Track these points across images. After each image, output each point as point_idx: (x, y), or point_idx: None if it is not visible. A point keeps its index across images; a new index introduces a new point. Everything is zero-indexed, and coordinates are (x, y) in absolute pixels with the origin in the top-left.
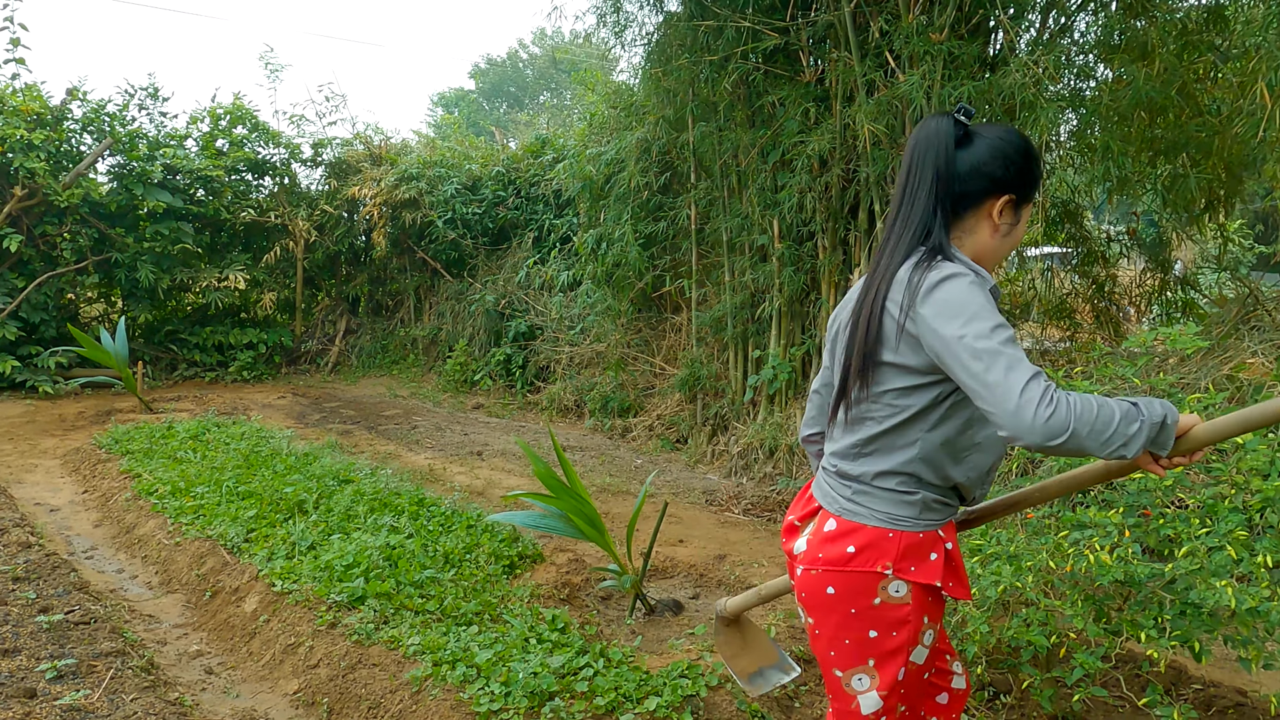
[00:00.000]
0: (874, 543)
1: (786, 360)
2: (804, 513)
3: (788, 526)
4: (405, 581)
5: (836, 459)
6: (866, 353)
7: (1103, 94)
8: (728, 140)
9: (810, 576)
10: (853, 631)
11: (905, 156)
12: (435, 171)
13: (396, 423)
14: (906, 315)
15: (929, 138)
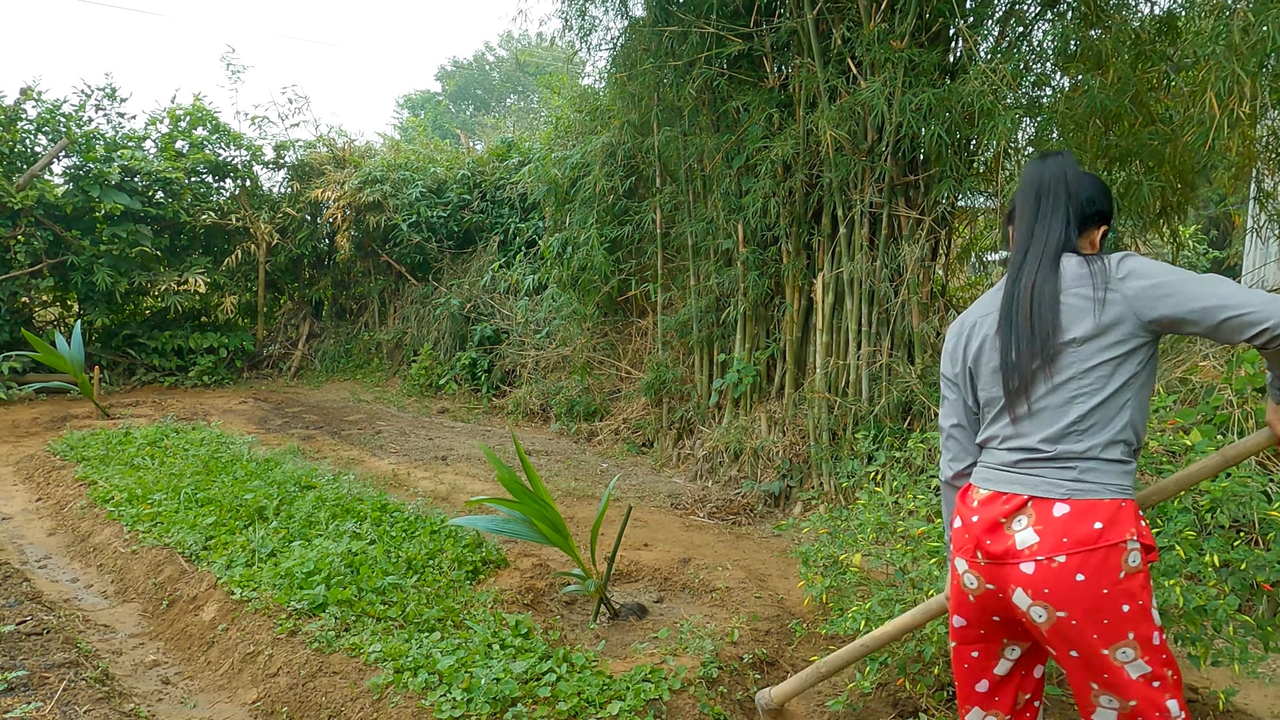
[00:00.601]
0: (1115, 515)
1: (751, 364)
2: (1005, 510)
3: (985, 530)
4: (367, 588)
5: (1048, 444)
6: (1045, 343)
7: (1059, 102)
8: (692, 145)
9: (1053, 569)
10: (1108, 611)
11: (1032, 185)
12: (400, 174)
13: (360, 428)
14: (1106, 292)
15: (1057, 171)
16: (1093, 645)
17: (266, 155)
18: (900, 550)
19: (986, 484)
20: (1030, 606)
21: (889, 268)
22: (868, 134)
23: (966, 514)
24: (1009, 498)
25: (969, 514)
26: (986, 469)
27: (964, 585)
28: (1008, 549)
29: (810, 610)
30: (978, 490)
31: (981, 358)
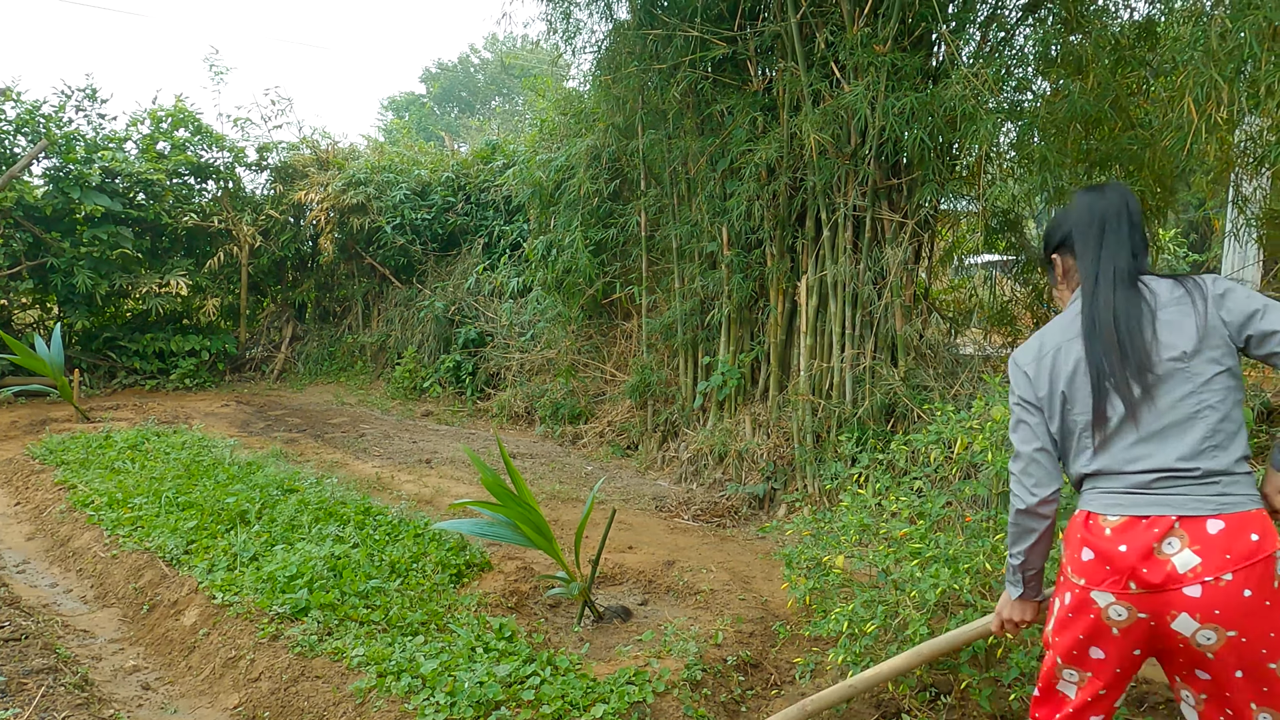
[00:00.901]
0: (1264, 525)
1: (736, 366)
2: (1154, 535)
3: (1139, 558)
4: (350, 592)
5: (1185, 462)
6: (1148, 363)
7: (1040, 106)
8: (677, 148)
9: (1221, 589)
10: (1273, 623)
11: (1094, 215)
12: (384, 176)
13: (343, 430)
14: (1206, 307)
15: (1119, 201)
16: (1260, 661)
17: (249, 157)
18: (883, 552)
19: (1118, 509)
20: (1197, 631)
21: (872, 271)
22: (851, 137)
23: (1102, 545)
24: (1153, 520)
25: (1105, 544)
26: (1113, 494)
27: (1107, 619)
28: (1168, 575)
29: (794, 612)
30: (1105, 518)
31: (1075, 381)
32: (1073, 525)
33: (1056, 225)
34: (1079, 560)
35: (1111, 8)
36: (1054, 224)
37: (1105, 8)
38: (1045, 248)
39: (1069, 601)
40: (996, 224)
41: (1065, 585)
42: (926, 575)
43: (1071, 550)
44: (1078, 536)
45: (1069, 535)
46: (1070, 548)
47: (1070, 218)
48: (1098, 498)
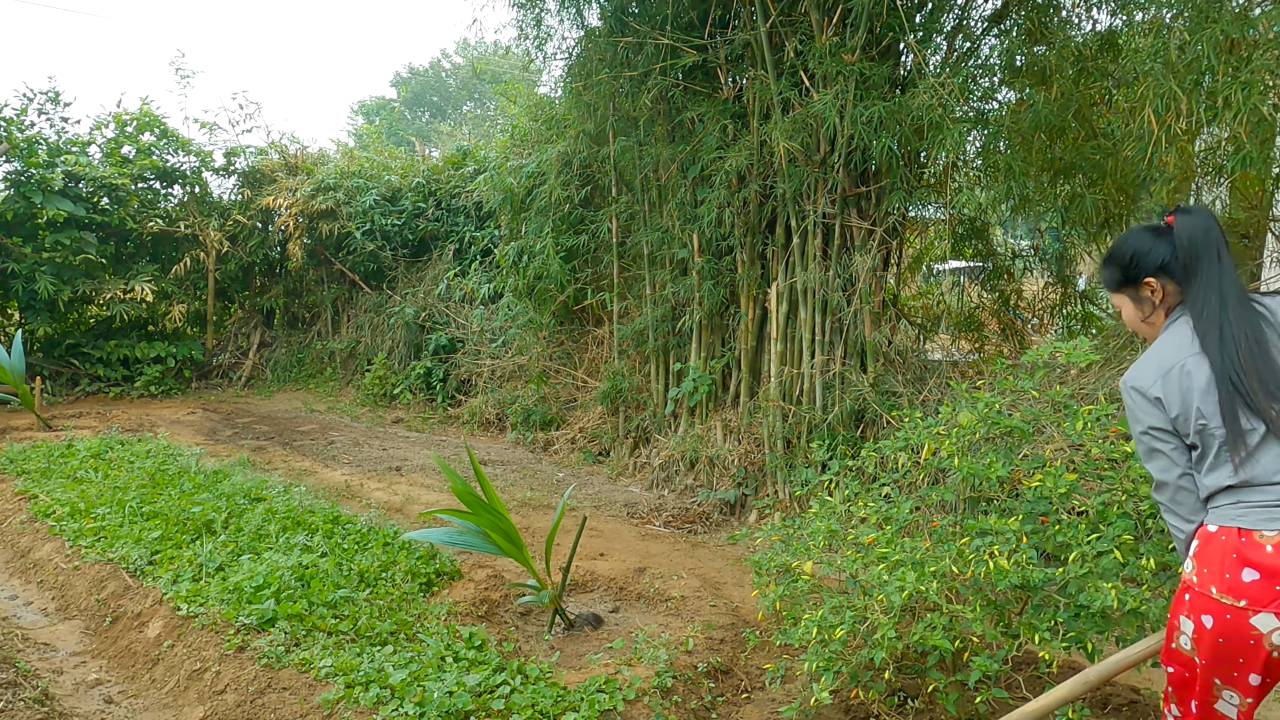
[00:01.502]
0: None
1: (707, 373)
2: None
3: None
4: (318, 602)
5: None
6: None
7: (1006, 116)
8: (648, 155)
9: None
10: None
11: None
12: (353, 182)
13: (312, 438)
14: None
15: (1217, 225)
16: None
17: (216, 161)
18: (851, 557)
19: (1272, 524)
20: None
21: (841, 277)
22: (820, 145)
23: (1267, 562)
24: None
25: (1271, 561)
26: (1265, 508)
27: (1270, 643)
28: None
29: (764, 619)
30: (1261, 533)
31: (1209, 396)
32: (1214, 542)
33: (1147, 249)
34: (1237, 581)
35: (1075, 19)
36: (1141, 247)
37: (1069, 19)
38: (1135, 272)
39: (1215, 625)
40: (963, 231)
41: (1208, 605)
42: (893, 579)
43: (1221, 568)
44: (1232, 556)
45: (1211, 552)
46: (1218, 565)
47: (1161, 243)
48: (1248, 512)
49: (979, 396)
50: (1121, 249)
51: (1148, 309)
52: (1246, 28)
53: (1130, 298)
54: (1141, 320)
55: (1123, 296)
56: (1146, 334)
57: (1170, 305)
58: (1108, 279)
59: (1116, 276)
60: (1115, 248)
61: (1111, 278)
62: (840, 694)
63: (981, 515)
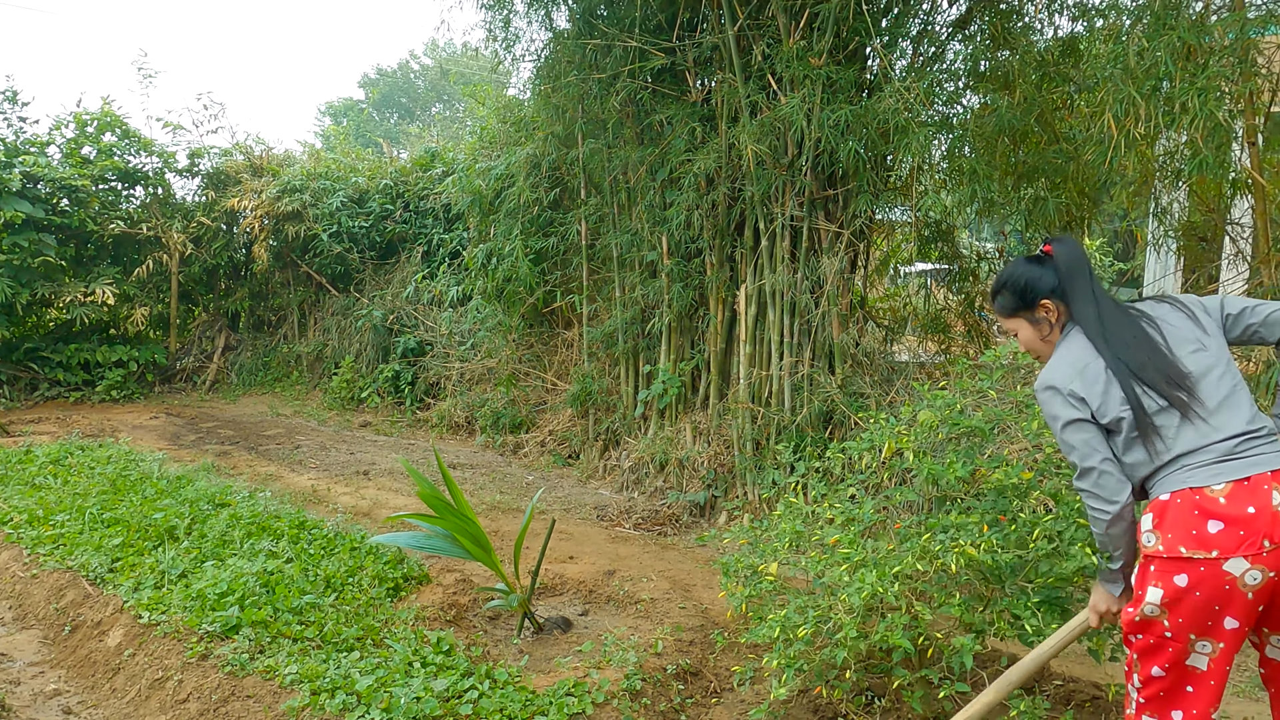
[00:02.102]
0: None
1: (676, 375)
2: (1266, 491)
3: (1273, 519)
4: (283, 608)
5: (1251, 425)
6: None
7: (970, 120)
8: (617, 157)
9: None
10: None
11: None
12: (320, 183)
13: (278, 442)
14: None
15: (1084, 253)
16: None
17: (180, 163)
18: (815, 558)
19: (1220, 477)
20: None
21: (810, 279)
22: (788, 149)
23: (1226, 512)
24: (1255, 478)
25: (1229, 511)
26: (1208, 466)
27: (1243, 585)
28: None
29: (732, 620)
30: (1210, 489)
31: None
32: (1172, 507)
33: (1038, 275)
34: (1205, 535)
35: (1038, 25)
36: (1031, 275)
37: (1031, 25)
38: (1031, 296)
39: (1190, 580)
40: (929, 234)
41: (1179, 566)
42: (855, 580)
43: (1186, 527)
44: (1194, 514)
45: (1172, 516)
46: (1183, 526)
47: (1046, 270)
48: (1195, 473)
49: (939, 396)
50: (1014, 279)
51: (1045, 328)
52: (1202, 35)
53: (1028, 320)
54: (1040, 339)
55: (1019, 320)
56: (1044, 351)
57: (1061, 323)
58: (1002, 306)
59: (1013, 303)
60: (1007, 279)
61: (1007, 305)
62: (808, 694)
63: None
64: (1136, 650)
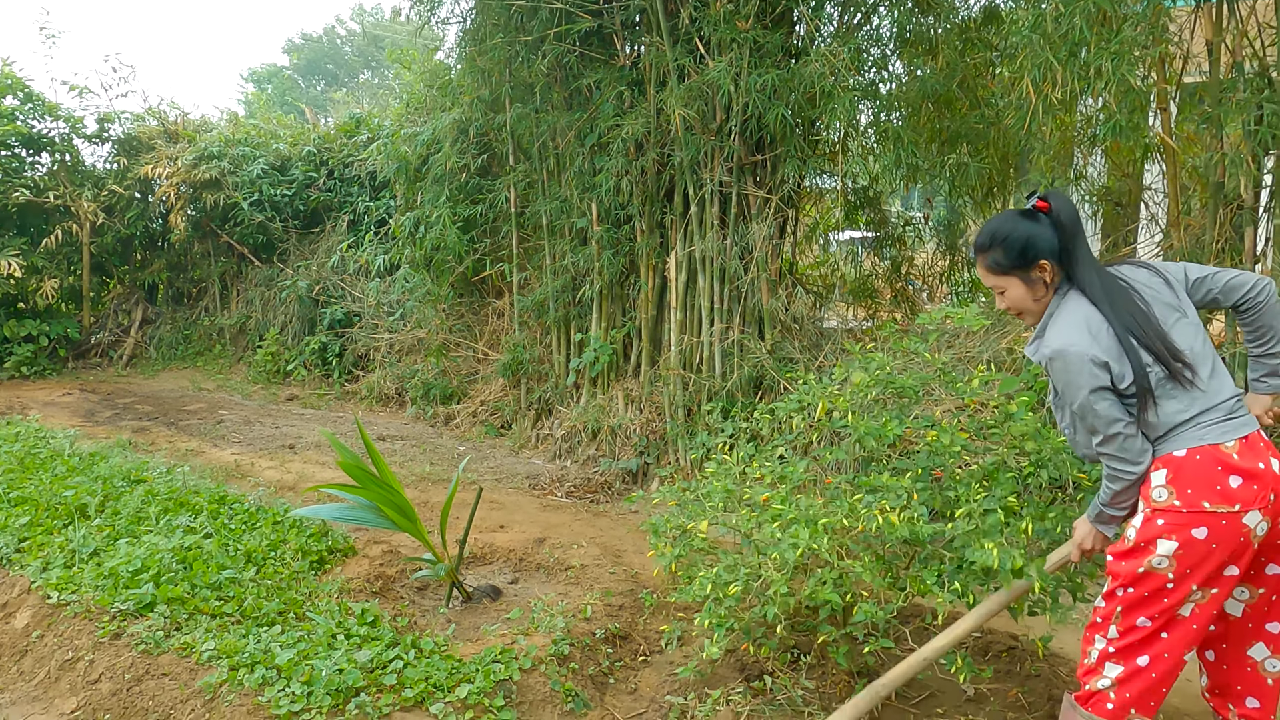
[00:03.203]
0: None
1: (608, 343)
2: (1263, 448)
3: (1274, 471)
4: (201, 584)
5: (1230, 389)
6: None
7: (895, 86)
8: (545, 122)
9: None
10: None
11: (1076, 220)
12: (239, 150)
13: (200, 417)
14: (1166, 277)
15: (1075, 206)
16: None
17: (88, 128)
18: (746, 516)
19: (1231, 435)
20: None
21: (739, 245)
22: (716, 113)
23: (1243, 467)
24: (1251, 436)
25: (1245, 466)
26: (1219, 424)
27: (1255, 536)
28: (1278, 478)
29: (661, 580)
30: (1224, 445)
31: (1139, 350)
32: (1190, 464)
33: (1038, 233)
34: (1228, 489)
35: None
36: (1032, 232)
37: None
38: (1032, 255)
39: (1210, 533)
40: (857, 200)
41: (1199, 519)
42: (786, 536)
43: (1210, 482)
44: (1216, 469)
45: (1191, 472)
46: (1205, 481)
47: (1045, 227)
48: (1209, 430)
49: (872, 357)
50: (1013, 235)
51: (1040, 289)
52: (1116, 2)
53: (1021, 279)
54: (1033, 300)
55: (1012, 279)
56: (1035, 312)
57: (1055, 284)
58: (995, 263)
59: (1008, 261)
60: (1005, 235)
61: (1001, 262)
62: (735, 653)
63: (874, 474)
64: (1124, 603)
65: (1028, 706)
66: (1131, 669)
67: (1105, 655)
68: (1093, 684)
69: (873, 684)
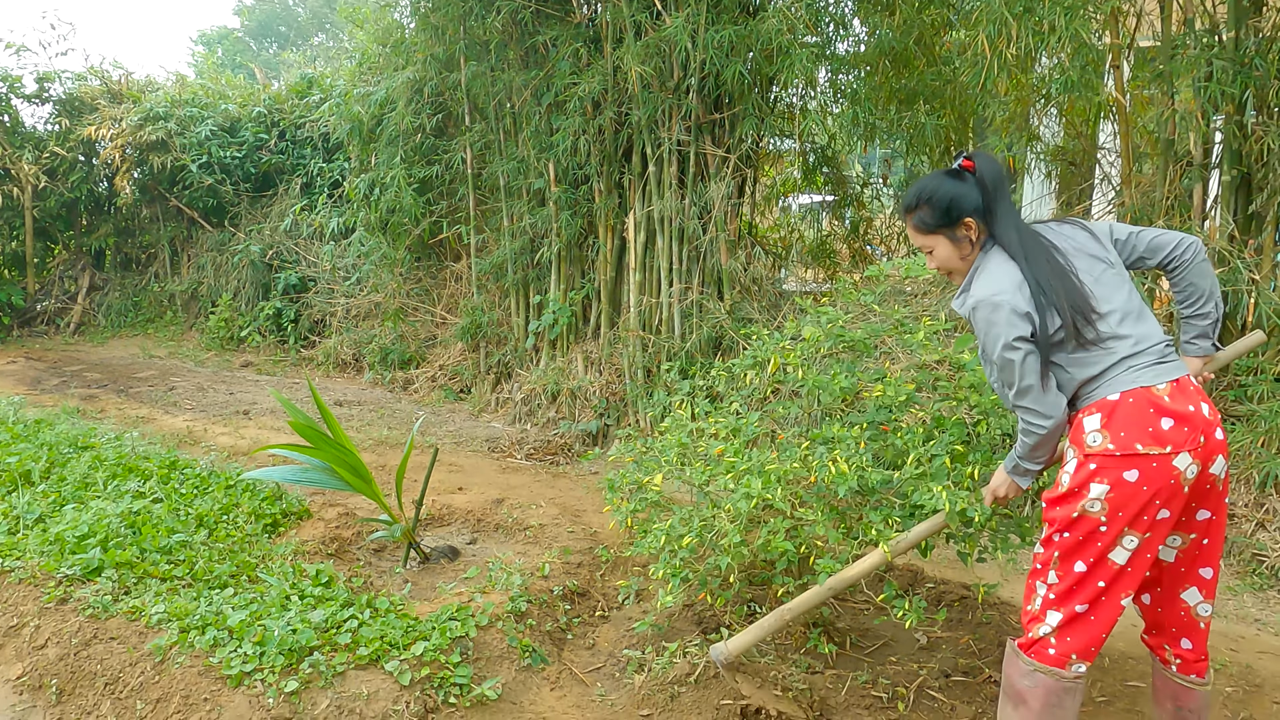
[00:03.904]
0: None
1: (567, 305)
2: (1192, 391)
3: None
4: (151, 548)
5: (1158, 334)
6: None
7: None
8: (500, 81)
9: (1223, 429)
10: None
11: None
12: (186, 111)
13: (151, 385)
14: (1088, 231)
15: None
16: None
17: (27, 88)
18: (700, 469)
19: (1162, 378)
20: (1222, 468)
21: (697, 206)
22: (674, 71)
23: (1174, 409)
24: (1180, 380)
25: (1176, 409)
26: (1150, 368)
27: (1185, 479)
28: (1207, 422)
29: (618, 537)
30: (1156, 388)
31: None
32: (1124, 407)
33: (963, 192)
34: (1159, 431)
35: None
36: (956, 191)
37: None
38: (956, 213)
39: (1141, 475)
40: (815, 160)
41: (1130, 462)
42: (740, 486)
43: (1142, 424)
44: (1149, 411)
45: (1125, 415)
46: (1138, 423)
47: (969, 186)
48: (1141, 373)
49: (823, 311)
50: (938, 194)
51: (966, 247)
52: None
53: (948, 238)
54: (960, 258)
55: (938, 238)
56: (959, 269)
57: (980, 242)
58: (922, 222)
59: (934, 220)
60: (929, 194)
61: (927, 221)
62: (692, 607)
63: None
64: (1060, 548)
65: (978, 652)
66: (1071, 615)
67: (1047, 602)
68: (1035, 631)
69: (782, 607)
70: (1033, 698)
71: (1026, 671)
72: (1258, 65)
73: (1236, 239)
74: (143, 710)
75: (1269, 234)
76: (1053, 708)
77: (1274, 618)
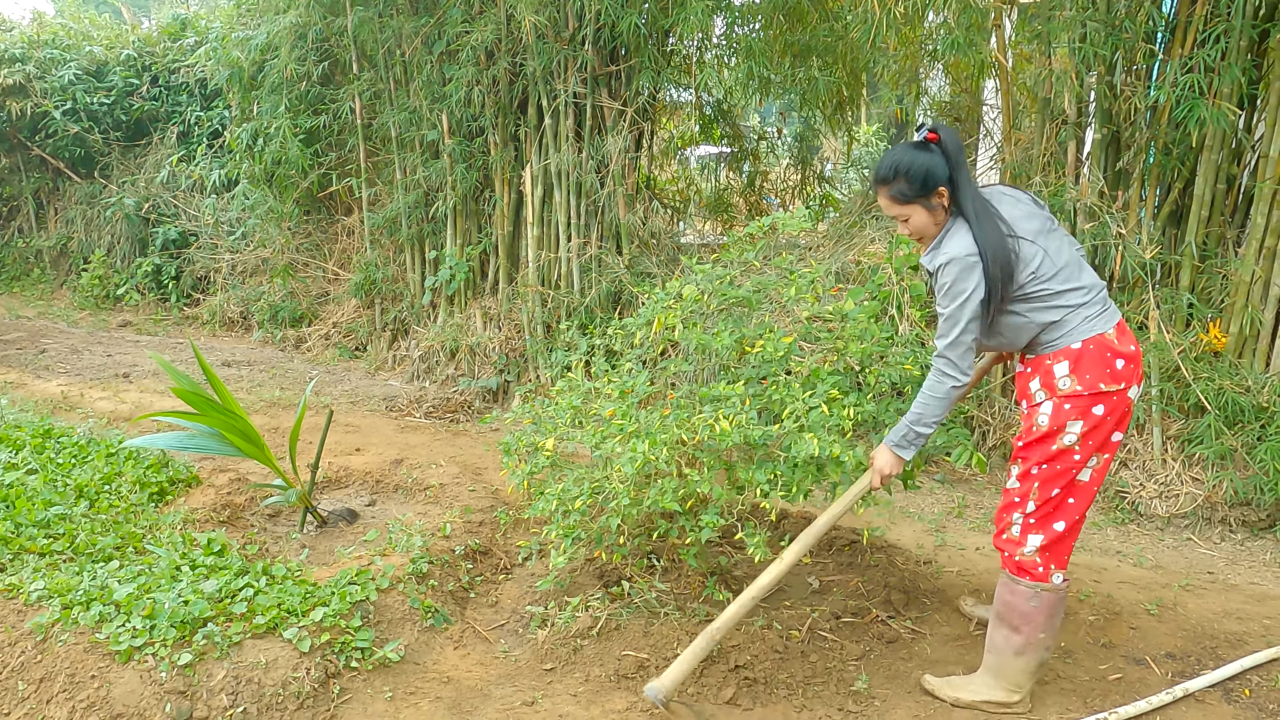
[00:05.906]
0: None
1: (464, 260)
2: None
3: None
4: (27, 522)
5: (1098, 283)
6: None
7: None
8: (389, 27)
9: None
10: None
11: (960, 151)
12: (46, 53)
13: (19, 347)
14: (1029, 194)
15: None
16: None
17: None
18: (592, 431)
19: (1109, 321)
20: (1138, 394)
21: (595, 159)
22: (569, 21)
23: (1124, 350)
24: (1121, 322)
25: (1124, 349)
26: (1101, 316)
27: (1132, 405)
28: (1140, 356)
29: (518, 497)
30: (1108, 333)
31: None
32: (1086, 353)
33: (935, 163)
34: (1115, 371)
35: None
36: (930, 163)
37: None
38: (931, 183)
39: (1105, 409)
40: (712, 113)
41: (1096, 399)
42: (627, 450)
43: (1102, 367)
44: (1106, 355)
45: (1088, 360)
46: (1099, 366)
47: (937, 157)
48: (1095, 322)
49: (702, 270)
50: (914, 167)
51: (940, 214)
52: None
53: (924, 206)
54: (934, 224)
55: (915, 207)
56: (933, 235)
57: (948, 208)
58: (899, 193)
59: (911, 190)
60: (906, 167)
61: (904, 192)
62: (594, 561)
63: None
64: (1040, 479)
65: (866, 594)
66: (1051, 535)
67: (1027, 527)
68: (1020, 554)
69: (708, 628)
70: (1038, 615)
71: (1031, 594)
72: (1127, 28)
73: (1106, 194)
74: (25, 690)
75: (1134, 190)
76: (1052, 618)
77: (1134, 550)
